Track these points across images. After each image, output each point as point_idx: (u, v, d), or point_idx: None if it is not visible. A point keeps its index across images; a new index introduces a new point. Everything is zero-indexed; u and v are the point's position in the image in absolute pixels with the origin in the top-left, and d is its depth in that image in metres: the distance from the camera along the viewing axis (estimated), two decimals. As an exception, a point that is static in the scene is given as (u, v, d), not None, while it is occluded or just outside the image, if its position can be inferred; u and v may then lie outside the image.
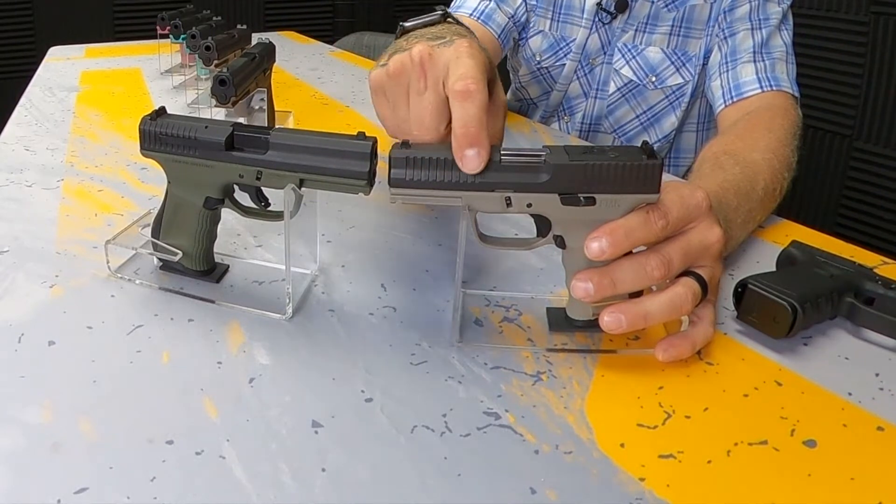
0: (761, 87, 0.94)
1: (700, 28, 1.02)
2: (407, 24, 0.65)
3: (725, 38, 0.99)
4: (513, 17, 1.14)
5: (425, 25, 0.64)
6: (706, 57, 1.04)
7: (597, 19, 1.08)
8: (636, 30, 1.06)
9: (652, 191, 0.48)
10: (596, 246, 0.47)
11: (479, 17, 1.13)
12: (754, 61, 0.96)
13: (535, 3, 1.14)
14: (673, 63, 1.05)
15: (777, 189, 0.72)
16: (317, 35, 2.12)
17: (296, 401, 0.46)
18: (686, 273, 0.51)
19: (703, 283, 0.50)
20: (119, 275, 0.60)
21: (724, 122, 0.96)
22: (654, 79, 1.07)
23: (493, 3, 1.14)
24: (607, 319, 0.48)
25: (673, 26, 1.03)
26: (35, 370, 0.48)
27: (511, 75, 1.27)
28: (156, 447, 0.41)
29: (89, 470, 0.39)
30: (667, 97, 1.08)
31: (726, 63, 0.98)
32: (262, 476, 0.40)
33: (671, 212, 0.49)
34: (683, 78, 1.06)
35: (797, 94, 0.95)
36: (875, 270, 0.57)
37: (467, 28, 0.64)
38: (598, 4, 1.07)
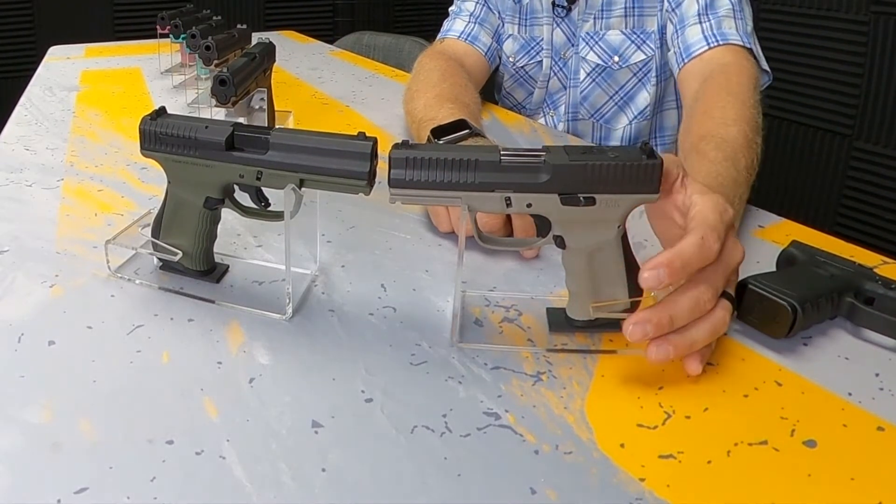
0: (708, 44, 0.96)
1: (653, 5, 1.08)
2: (441, 141, 0.76)
3: (673, 9, 1.04)
4: (494, 34, 1.23)
5: (459, 140, 0.76)
6: (663, 32, 1.08)
7: (555, 14, 1.14)
8: (595, 17, 1.12)
9: (652, 191, 0.48)
10: (652, 277, 0.46)
11: (466, 39, 1.21)
12: (700, 23, 0.99)
13: (504, 14, 1.21)
14: (633, 42, 1.10)
15: (755, 159, 0.74)
16: (317, 35, 2.13)
17: (296, 401, 0.46)
18: None
19: (732, 301, 0.51)
20: (119, 275, 0.60)
21: (682, 86, 1.00)
22: (617, 59, 1.12)
23: (476, 24, 1.22)
24: (655, 351, 0.47)
25: (626, 8, 1.09)
26: (35, 370, 0.48)
27: (496, 94, 1.34)
28: (156, 447, 0.41)
29: (89, 470, 0.39)
30: (634, 74, 1.13)
31: (676, 32, 1.02)
32: (262, 476, 0.40)
33: (721, 233, 0.48)
34: (646, 54, 1.11)
35: (751, 46, 0.96)
36: (875, 270, 0.57)
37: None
38: (552, 2, 1.13)
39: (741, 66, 0.90)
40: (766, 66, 0.97)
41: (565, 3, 1.12)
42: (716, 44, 0.95)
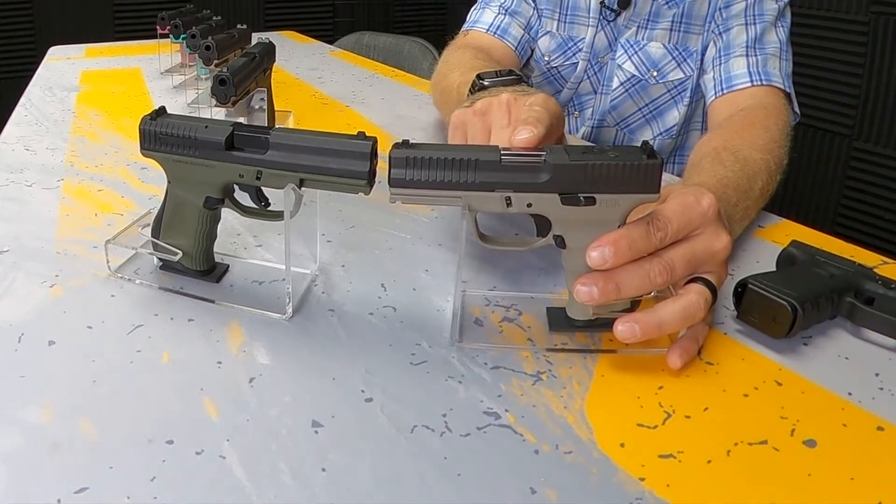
0: (752, 81, 0.95)
1: (699, 24, 1.05)
2: (486, 82, 0.73)
3: (720, 33, 1.01)
4: (527, 27, 1.16)
5: (504, 84, 0.71)
6: (704, 53, 1.06)
7: (601, 17, 1.10)
8: (638, 26, 1.08)
9: (652, 190, 0.48)
10: (598, 255, 0.47)
11: (495, 32, 1.14)
12: (746, 56, 0.97)
13: (542, 6, 1.16)
14: (674, 58, 1.07)
15: (770, 191, 0.74)
16: (317, 35, 2.13)
17: (296, 401, 0.46)
18: (696, 279, 0.51)
19: (713, 289, 0.51)
20: (119, 275, 0.60)
21: (714, 114, 0.98)
22: (655, 73, 1.09)
23: (507, 16, 1.15)
24: (621, 328, 0.48)
25: (673, 22, 1.05)
26: (35, 370, 0.48)
27: None
28: (156, 447, 0.41)
29: (89, 470, 0.39)
30: (668, 91, 1.10)
31: (719, 57, 1.00)
32: (262, 476, 0.40)
33: (671, 224, 0.49)
34: (685, 73, 1.08)
35: (790, 91, 0.96)
36: (875, 270, 0.57)
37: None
38: (602, 3, 1.09)
39: (779, 110, 0.90)
40: (797, 108, 0.97)
41: (615, 7, 1.07)
42: (759, 83, 0.94)
